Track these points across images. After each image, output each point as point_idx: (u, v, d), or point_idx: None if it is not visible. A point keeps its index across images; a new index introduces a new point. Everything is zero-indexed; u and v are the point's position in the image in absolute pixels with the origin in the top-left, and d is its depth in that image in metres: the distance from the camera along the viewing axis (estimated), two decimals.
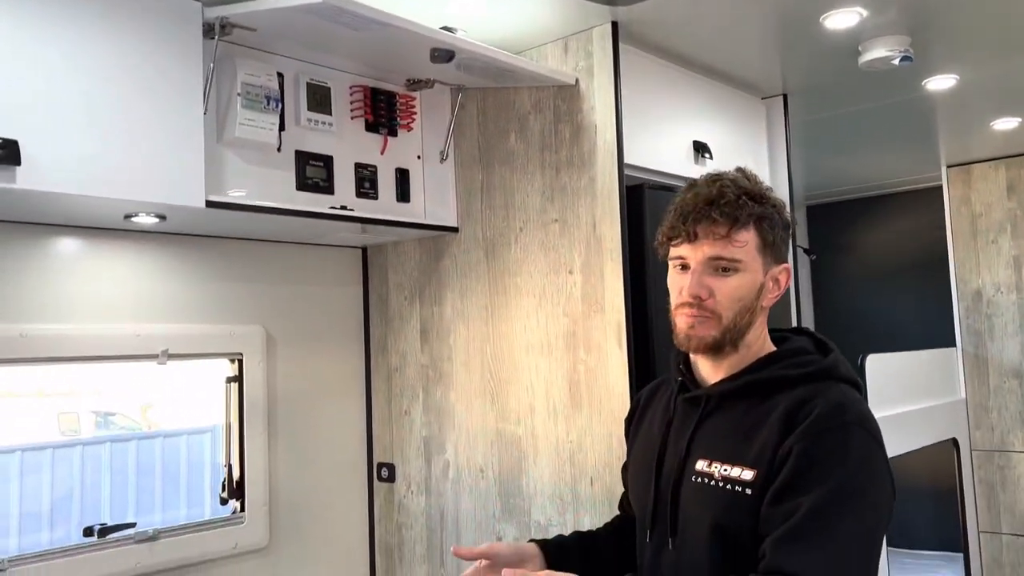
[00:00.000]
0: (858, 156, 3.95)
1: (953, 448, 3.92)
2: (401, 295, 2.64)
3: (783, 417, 1.28)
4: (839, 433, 1.25)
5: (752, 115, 2.87)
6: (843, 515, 1.20)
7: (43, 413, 6.07)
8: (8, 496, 4.04)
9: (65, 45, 1.66)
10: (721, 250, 1.33)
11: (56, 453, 4.51)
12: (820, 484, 1.21)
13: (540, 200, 2.30)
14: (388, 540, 2.64)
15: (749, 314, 1.35)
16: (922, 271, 4.46)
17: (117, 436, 5.48)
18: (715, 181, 1.37)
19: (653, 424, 1.51)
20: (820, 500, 1.20)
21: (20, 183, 1.58)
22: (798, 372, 1.34)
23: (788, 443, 1.25)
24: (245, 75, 2.04)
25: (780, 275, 1.38)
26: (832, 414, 1.26)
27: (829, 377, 1.34)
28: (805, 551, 1.18)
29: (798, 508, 1.20)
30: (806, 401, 1.28)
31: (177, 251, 2.28)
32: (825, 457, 1.23)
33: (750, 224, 1.33)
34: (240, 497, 2.37)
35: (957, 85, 2.81)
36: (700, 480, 1.34)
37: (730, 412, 1.36)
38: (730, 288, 1.33)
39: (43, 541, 3.74)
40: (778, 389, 1.33)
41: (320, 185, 2.26)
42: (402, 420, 2.62)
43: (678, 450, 1.39)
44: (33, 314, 2.01)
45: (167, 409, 5.12)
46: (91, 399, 6.39)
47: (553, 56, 2.29)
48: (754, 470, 1.27)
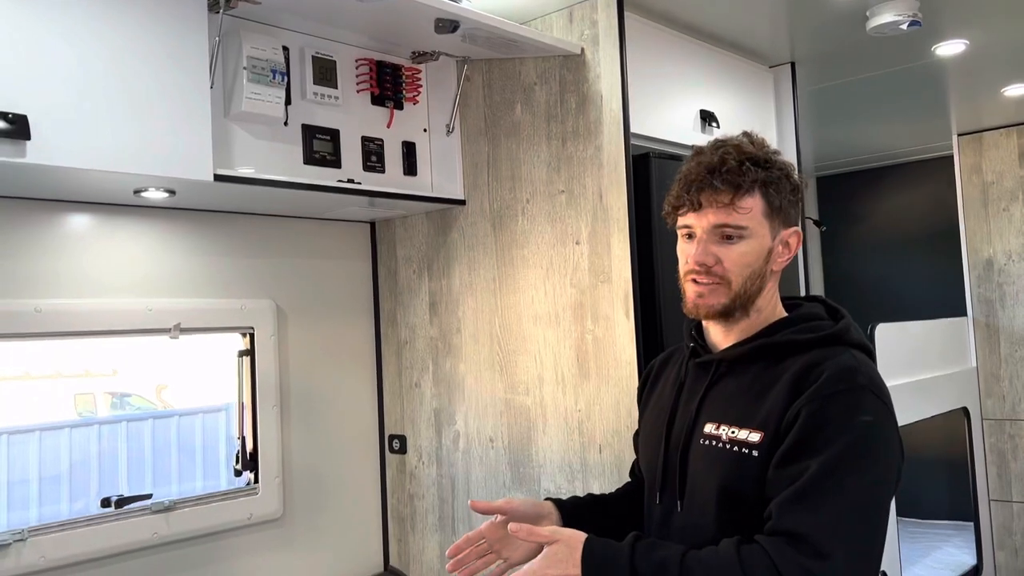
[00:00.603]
0: (868, 125, 3.92)
1: (964, 417, 3.92)
2: (410, 268, 2.65)
3: (792, 380, 1.29)
4: (849, 396, 1.25)
5: (759, 84, 2.85)
6: (850, 477, 1.20)
7: (60, 395, 6.14)
8: (28, 472, 4.11)
9: (72, 21, 1.66)
10: (726, 218, 1.32)
11: (73, 432, 4.57)
12: (828, 446, 1.21)
13: (546, 171, 2.30)
14: (400, 510, 2.68)
15: (759, 279, 1.35)
16: (933, 241, 4.44)
17: (133, 415, 5.55)
18: (718, 148, 1.37)
19: (664, 390, 1.52)
20: (828, 462, 1.20)
21: (30, 158, 1.59)
22: (809, 336, 1.34)
23: (796, 405, 1.25)
24: (251, 49, 2.04)
25: (790, 238, 1.38)
26: (842, 377, 1.26)
27: (840, 342, 1.34)
28: (811, 512, 1.19)
29: (806, 470, 1.21)
30: (816, 365, 1.29)
31: (188, 226, 2.30)
32: (834, 419, 1.23)
33: (755, 190, 1.33)
34: (254, 469, 2.41)
35: (967, 50, 2.78)
36: (708, 443, 1.35)
37: (740, 376, 1.37)
38: (737, 255, 1.33)
39: (63, 512, 3.81)
40: (789, 353, 1.33)
41: (327, 159, 2.26)
42: (412, 392, 2.65)
43: (687, 414, 1.40)
44: (48, 290, 2.03)
45: (182, 388, 5.18)
46: (107, 380, 6.46)
47: (558, 26, 2.28)
48: (760, 432, 1.28)
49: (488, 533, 1.46)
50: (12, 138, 1.56)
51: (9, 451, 4.20)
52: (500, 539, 1.45)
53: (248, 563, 2.36)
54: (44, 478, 4.11)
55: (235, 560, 2.33)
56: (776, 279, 1.41)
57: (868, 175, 4.75)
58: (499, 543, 1.46)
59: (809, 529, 1.17)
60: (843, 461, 1.21)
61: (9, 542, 1.90)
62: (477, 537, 1.46)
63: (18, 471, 4.10)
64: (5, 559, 1.90)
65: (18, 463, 4.15)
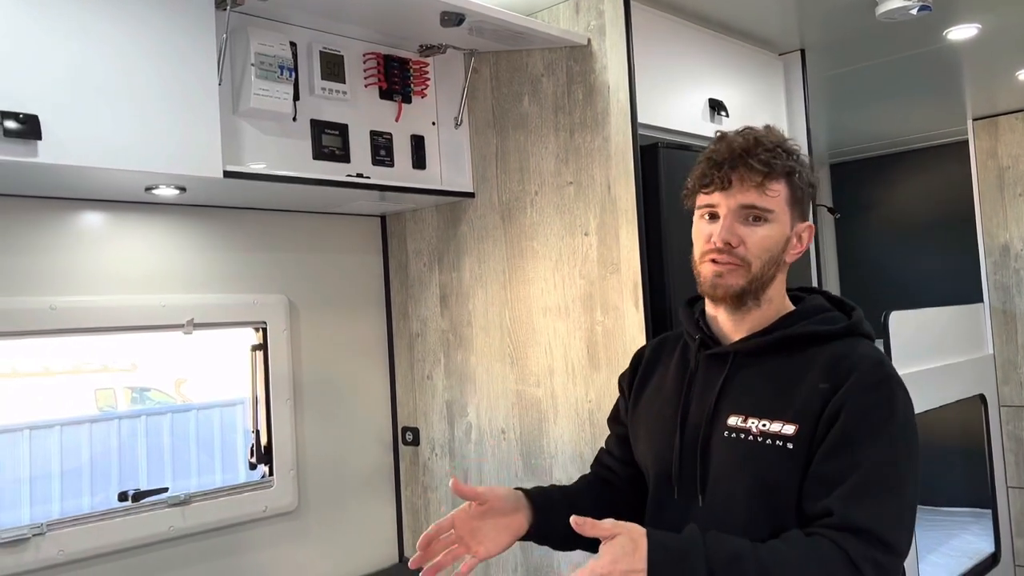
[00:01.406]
0: (881, 111, 3.89)
1: (981, 404, 3.90)
2: (420, 261, 2.66)
3: (826, 371, 1.29)
4: (884, 388, 1.27)
5: (769, 72, 2.84)
6: (903, 469, 1.24)
7: (80, 390, 6.20)
8: (49, 469, 4.16)
9: (80, 21, 1.68)
10: (755, 198, 1.32)
11: (94, 427, 4.62)
12: (877, 440, 1.24)
13: (554, 163, 2.30)
14: (414, 502, 2.70)
15: (775, 267, 1.36)
16: (948, 227, 4.40)
17: (152, 409, 5.60)
18: (748, 132, 1.37)
19: (667, 381, 1.49)
20: (882, 455, 1.23)
21: (42, 157, 1.61)
22: (830, 328, 1.35)
23: (837, 399, 1.26)
24: (258, 45, 2.05)
25: (804, 232, 1.39)
26: (874, 370, 1.29)
27: (856, 333, 1.37)
28: (874, 506, 1.21)
29: (858, 464, 1.22)
30: (845, 356, 1.30)
31: (199, 223, 2.32)
32: (875, 412, 1.25)
33: (783, 176, 1.34)
34: (268, 462, 2.43)
35: (980, 34, 2.76)
36: (735, 435, 1.33)
37: (760, 367, 1.36)
38: (760, 237, 1.33)
39: (83, 505, 3.86)
40: (811, 344, 1.34)
41: (336, 154, 2.28)
42: (424, 384, 2.66)
43: (705, 405, 1.38)
44: (62, 287, 2.06)
45: (200, 382, 5.23)
46: (126, 375, 6.53)
47: (565, 16, 2.28)
48: (795, 424, 1.28)
49: (459, 523, 1.39)
50: (24, 138, 1.58)
51: (31, 446, 4.25)
52: (471, 531, 1.38)
53: (263, 555, 2.39)
54: (66, 472, 4.16)
55: (250, 553, 2.36)
56: (786, 271, 1.41)
57: (882, 161, 4.71)
58: (469, 535, 1.38)
59: (876, 523, 1.20)
60: (894, 454, 1.24)
61: (28, 536, 1.93)
62: (448, 526, 1.38)
63: (40, 466, 4.15)
64: (24, 553, 1.93)
65: (39, 458, 4.20)
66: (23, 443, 4.22)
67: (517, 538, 1.43)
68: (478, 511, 1.40)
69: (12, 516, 3.54)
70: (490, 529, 1.39)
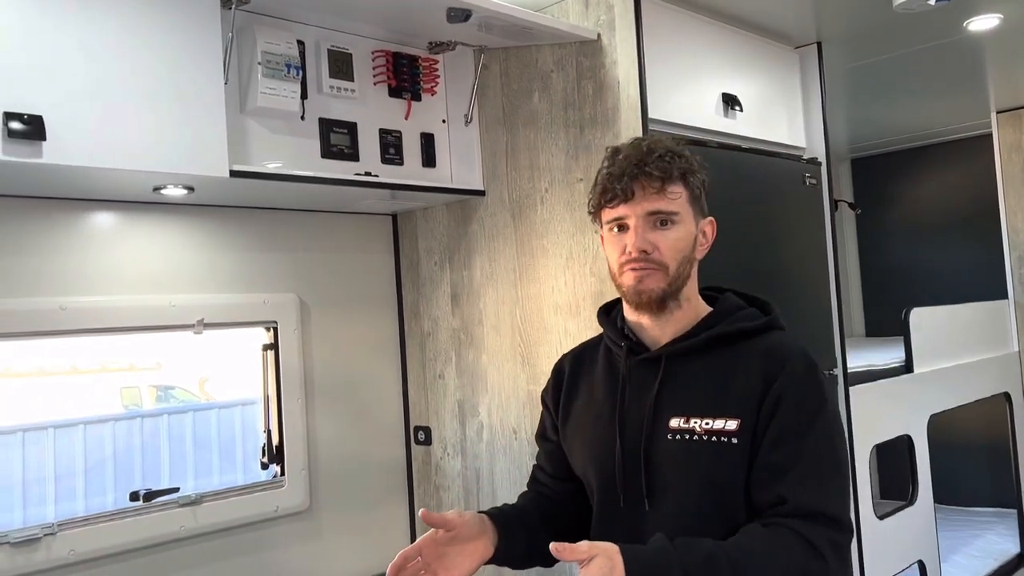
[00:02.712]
0: (902, 105, 3.82)
1: (1006, 402, 3.83)
2: (431, 260, 2.65)
3: (759, 366, 1.36)
4: (813, 378, 1.36)
5: (784, 65, 2.79)
6: (836, 451, 1.34)
7: (106, 388, 6.27)
8: (73, 466, 4.20)
9: (85, 20, 1.68)
10: (659, 204, 1.37)
11: (117, 425, 4.67)
12: (812, 427, 1.32)
13: (565, 159, 2.28)
14: (427, 502, 2.68)
15: (688, 266, 1.41)
16: (972, 222, 4.32)
17: (174, 408, 5.65)
18: (641, 141, 1.44)
19: (596, 390, 1.51)
20: (819, 441, 1.32)
21: (46, 158, 1.61)
22: (755, 324, 1.42)
23: (775, 390, 1.32)
24: (265, 43, 2.04)
25: (707, 228, 1.45)
26: (804, 361, 1.37)
27: (775, 327, 1.44)
28: (821, 489, 1.30)
29: (801, 452, 1.30)
30: (775, 349, 1.38)
31: (209, 222, 2.32)
32: (811, 401, 1.34)
33: (680, 178, 1.39)
34: (280, 462, 2.43)
35: (1002, 25, 2.69)
36: (679, 437, 1.36)
37: (693, 367, 1.40)
38: (671, 240, 1.38)
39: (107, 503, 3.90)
40: (736, 341, 1.40)
41: (345, 152, 2.27)
42: (436, 384, 2.65)
43: (643, 410, 1.41)
44: (71, 287, 2.06)
45: (223, 381, 5.26)
46: (151, 373, 6.59)
47: (574, 11, 2.25)
48: (737, 419, 1.33)
49: (426, 549, 1.38)
50: (28, 139, 1.58)
51: (55, 444, 4.30)
52: (438, 556, 1.39)
53: (275, 555, 2.38)
54: (89, 470, 4.20)
55: (262, 553, 2.36)
56: (695, 270, 1.46)
57: (904, 156, 4.64)
58: (436, 561, 1.39)
59: (826, 505, 1.29)
60: (831, 438, 1.34)
61: (39, 536, 1.94)
62: (415, 553, 1.38)
63: (64, 464, 4.19)
64: (36, 553, 1.94)
65: (64, 456, 4.24)
66: (47, 441, 4.27)
67: (483, 563, 1.44)
68: (445, 537, 1.40)
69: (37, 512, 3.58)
70: (456, 555, 1.40)
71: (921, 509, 3.22)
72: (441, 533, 1.40)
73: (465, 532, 1.41)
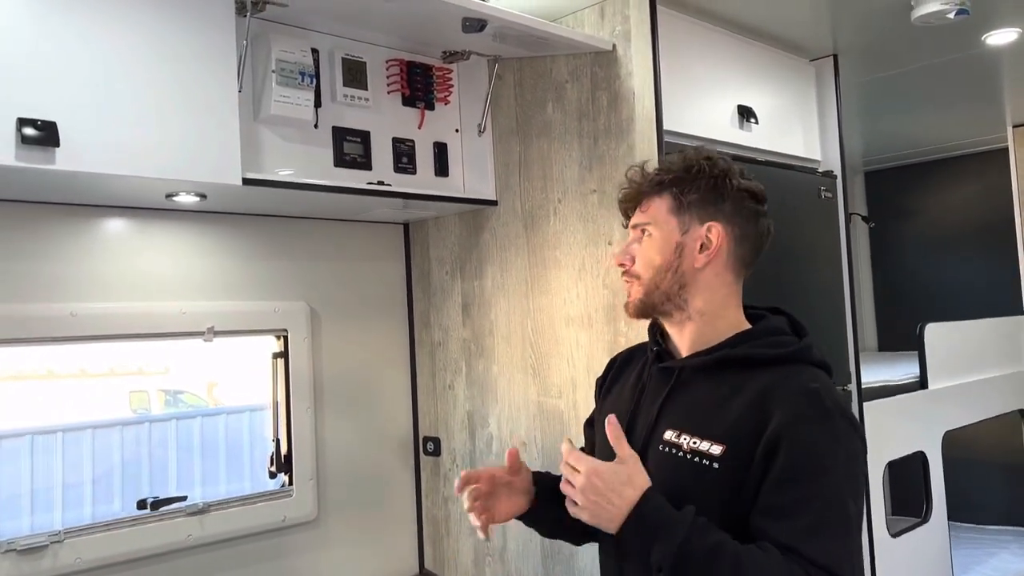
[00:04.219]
0: (917, 118, 3.80)
1: (1020, 419, 3.79)
2: (442, 270, 2.63)
3: (757, 397, 1.29)
4: (827, 421, 1.27)
5: (800, 78, 2.77)
6: (847, 505, 1.25)
7: (114, 392, 6.27)
8: (81, 471, 4.20)
9: (99, 28, 1.68)
10: (637, 217, 1.44)
11: (125, 430, 4.66)
12: (823, 474, 1.24)
13: (578, 170, 2.26)
14: (435, 513, 2.66)
15: (672, 274, 1.38)
16: (987, 236, 4.29)
17: (183, 413, 5.64)
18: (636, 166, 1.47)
19: (625, 389, 1.53)
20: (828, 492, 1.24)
21: (59, 164, 1.61)
22: (773, 352, 1.35)
23: (774, 430, 1.25)
24: (279, 52, 2.04)
25: (708, 233, 1.38)
26: (813, 402, 1.27)
27: (802, 360, 1.36)
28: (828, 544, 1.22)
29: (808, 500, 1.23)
30: (781, 384, 1.30)
31: (220, 229, 2.31)
32: (820, 446, 1.25)
33: (659, 191, 1.41)
34: (288, 471, 2.41)
35: (1020, 39, 2.68)
36: (667, 449, 1.35)
37: (702, 385, 1.38)
38: (642, 250, 1.41)
39: (114, 510, 3.89)
40: (751, 367, 1.34)
41: (358, 161, 2.26)
42: (446, 394, 2.63)
43: (648, 418, 1.41)
44: (82, 293, 2.06)
45: (232, 386, 5.25)
46: (160, 378, 6.59)
47: (589, 22, 2.24)
48: (723, 445, 1.29)
49: (485, 481, 1.47)
50: (42, 145, 1.58)
51: (64, 449, 4.29)
52: (492, 493, 1.48)
53: (282, 565, 2.37)
54: (97, 477, 4.20)
55: (269, 562, 2.34)
56: (720, 282, 1.40)
57: (919, 169, 4.61)
58: (489, 496, 1.48)
59: (832, 560, 1.21)
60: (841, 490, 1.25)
61: (46, 543, 1.93)
62: (475, 477, 1.47)
63: (71, 469, 4.19)
64: (42, 560, 1.93)
65: (72, 461, 4.24)
66: (56, 446, 4.27)
67: (516, 516, 1.53)
68: (504, 479, 1.50)
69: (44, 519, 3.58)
70: (501, 498, 1.50)
71: (935, 527, 3.18)
72: (502, 474, 1.49)
73: (518, 485, 1.51)
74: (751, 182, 1.43)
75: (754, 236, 1.42)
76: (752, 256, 1.43)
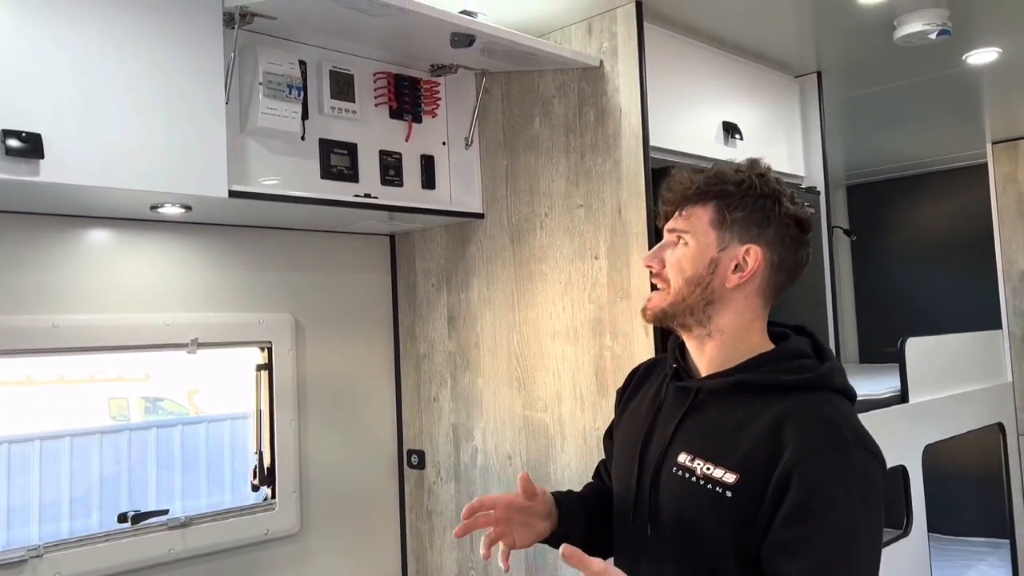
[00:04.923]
0: (899, 134, 3.84)
1: (999, 433, 3.82)
2: (428, 282, 2.63)
3: (772, 426, 1.25)
4: (839, 453, 1.22)
5: (784, 94, 2.80)
6: (860, 542, 1.21)
7: (94, 399, 6.18)
8: (59, 481, 4.14)
9: (85, 39, 1.67)
10: (676, 222, 1.38)
11: (104, 438, 4.61)
12: (835, 509, 1.19)
13: (565, 185, 2.27)
14: (419, 527, 2.65)
15: (700, 289, 1.33)
16: (966, 251, 4.33)
17: (163, 422, 5.58)
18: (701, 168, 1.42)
19: (643, 405, 1.49)
20: (840, 527, 1.19)
21: (44, 176, 1.59)
22: (793, 379, 1.29)
23: (787, 461, 1.21)
24: (267, 64, 2.04)
25: (746, 255, 1.33)
26: (829, 433, 1.23)
27: (823, 387, 1.31)
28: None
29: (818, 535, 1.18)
30: (798, 413, 1.25)
31: (205, 241, 2.30)
32: (833, 479, 1.21)
33: (704, 200, 1.35)
34: (271, 484, 2.40)
35: (1000, 59, 2.71)
36: (680, 473, 1.32)
37: (718, 408, 1.33)
38: (674, 258, 1.36)
39: (91, 525, 3.83)
40: (770, 392, 1.29)
41: (344, 173, 2.26)
42: (431, 407, 2.62)
43: (663, 438, 1.38)
44: (64, 305, 2.04)
45: (213, 394, 5.20)
46: (140, 384, 6.51)
47: (577, 38, 2.25)
48: (737, 474, 1.25)
49: (501, 507, 1.39)
50: (26, 156, 1.57)
51: (41, 458, 4.24)
52: (506, 519, 1.40)
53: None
54: (75, 487, 4.14)
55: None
56: (747, 304, 1.35)
57: (900, 184, 4.65)
58: (504, 522, 1.40)
59: None
60: (855, 526, 1.20)
61: (25, 558, 1.91)
62: (490, 504, 1.39)
63: (49, 479, 4.13)
64: (21, 575, 1.90)
65: (49, 470, 4.18)
66: (34, 455, 4.21)
67: (538, 541, 1.45)
68: (520, 505, 1.41)
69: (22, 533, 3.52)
70: (520, 524, 1.42)
71: (915, 539, 3.19)
72: (520, 499, 1.41)
73: (537, 509, 1.43)
74: (799, 208, 1.36)
75: (791, 265, 1.37)
76: (786, 285, 1.39)
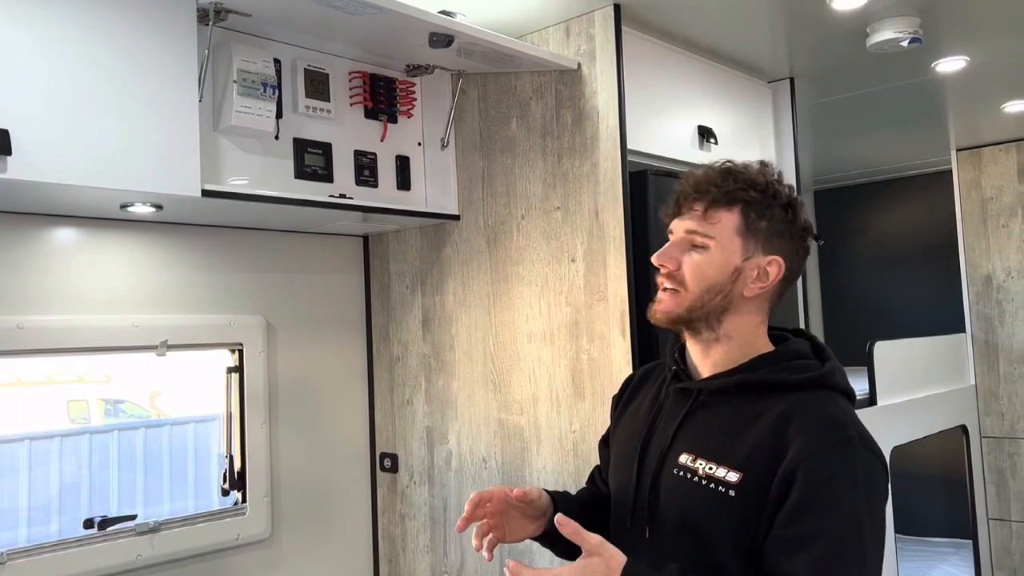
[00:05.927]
0: (867, 140, 3.90)
1: (962, 435, 3.89)
2: (403, 284, 2.61)
3: (776, 425, 1.26)
4: (844, 450, 1.23)
5: (758, 99, 2.82)
6: (863, 539, 1.21)
7: (53, 401, 6.04)
8: (17, 487, 4.04)
9: (56, 34, 1.62)
10: (697, 225, 1.33)
11: (64, 442, 4.50)
12: (837, 507, 1.20)
13: (542, 187, 2.26)
14: (391, 530, 2.63)
15: (719, 296, 1.32)
16: (931, 256, 4.41)
17: (125, 424, 5.46)
18: (714, 165, 1.37)
19: (641, 408, 1.49)
20: (843, 525, 1.19)
21: (11, 173, 1.55)
22: (795, 378, 1.30)
23: (792, 458, 1.22)
24: (241, 61, 2.00)
25: (768, 266, 1.32)
26: (832, 431, 1.24)
27: (824, 386, 1.31)
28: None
29: (820, 533, 1.18)
30: (801, 411, 1.26)
31: (176, 241, 2.26)
32: (836, 477, 1.21)
33: (731, 205, 1.32)
34: (241, 488, 2.36)
35: (967, 67, 2.76)
36: (682, 474, 1.32)
37: (720, 409, 1.34)
38: (695, 263, 1.32)
39: (51, 532, 3.74)
40: (772, 392, 1.30)
41: (319, 173, 2.23)
42: (404, 410, 2.60)
43: (663, 440, 1.37)
44: (30, 305, 1.99)
45: (176, 396, 5.11)
46: (100, 386, 6.37)
47: (555, 40, 2.25)
48: (740, 473, 1.25)
49: (495, 500, 1.39)
50: None
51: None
52: (501, 512, 1.41)
53: None
54: (33, 493, 4.04)
55: None
56: (753, 309, 1.35)
57: (866, 189, 4.72)
58: (498, 515, 1.41)
59: None
60: (858, 523, 1.20)
61: None
62: (488, 496, 1.40)
63: (6, 484, 4.03)
64: None
65: (6, 475, 4.08)
66: None
67: (530, 537, 1.46)
68: (515, 502, 1.40)
69: None
70: (514, 520, 1.42)
71: None
72: (516, 495, 1.40)
73: (530, 511, 1.43)
74: (808, 219, 1.37)
75: (798, 273, 1.38)
76: (787, 291, 1.39)
